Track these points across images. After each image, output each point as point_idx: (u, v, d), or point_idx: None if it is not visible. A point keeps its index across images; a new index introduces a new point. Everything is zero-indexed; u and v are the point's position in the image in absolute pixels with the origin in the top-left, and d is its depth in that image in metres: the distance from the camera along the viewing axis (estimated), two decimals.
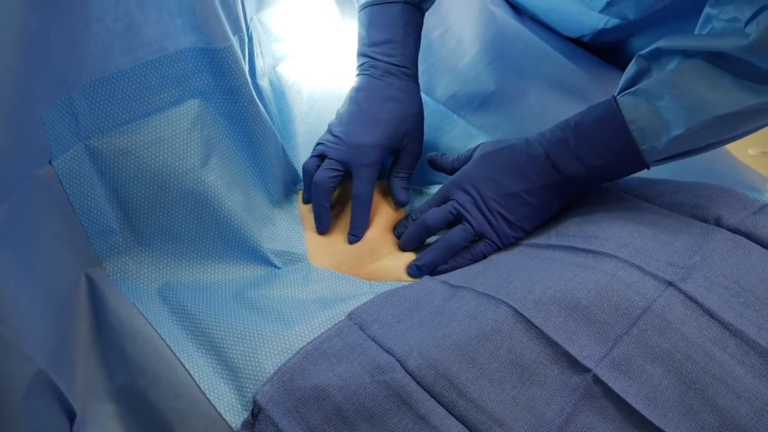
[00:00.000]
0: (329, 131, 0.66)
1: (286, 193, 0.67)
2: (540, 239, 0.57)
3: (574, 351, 0.44)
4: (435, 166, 0.67)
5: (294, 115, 0.71)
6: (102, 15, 0.49)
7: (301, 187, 0.68)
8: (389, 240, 0.65)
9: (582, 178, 0.56)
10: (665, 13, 0.72)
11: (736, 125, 0.52)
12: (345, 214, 0.66)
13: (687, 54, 0.51)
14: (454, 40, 0.83)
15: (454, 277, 0.55)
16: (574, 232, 0.55)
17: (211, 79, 0.57)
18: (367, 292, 0.55)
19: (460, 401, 0.43)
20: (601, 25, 0.77)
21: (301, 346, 0.48)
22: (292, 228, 0.64)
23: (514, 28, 0.82)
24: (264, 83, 0.66)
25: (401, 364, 0.44)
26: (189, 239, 0.57)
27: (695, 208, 0.53)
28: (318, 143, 0.67)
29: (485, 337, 0.45)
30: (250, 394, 0.45)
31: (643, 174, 0.56)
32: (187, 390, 0.46)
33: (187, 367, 0.47)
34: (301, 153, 0.69)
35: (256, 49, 0.65)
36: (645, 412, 0.41)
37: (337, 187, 0.66)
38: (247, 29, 0.62)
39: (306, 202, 0.67)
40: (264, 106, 0.62)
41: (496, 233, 0.58)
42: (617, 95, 0.54)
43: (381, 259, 0.62)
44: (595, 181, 0.58)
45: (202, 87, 0.57)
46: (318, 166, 0.65)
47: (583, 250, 0.51)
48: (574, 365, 0.43)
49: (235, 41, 0.58)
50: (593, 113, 0.55)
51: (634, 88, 0.53)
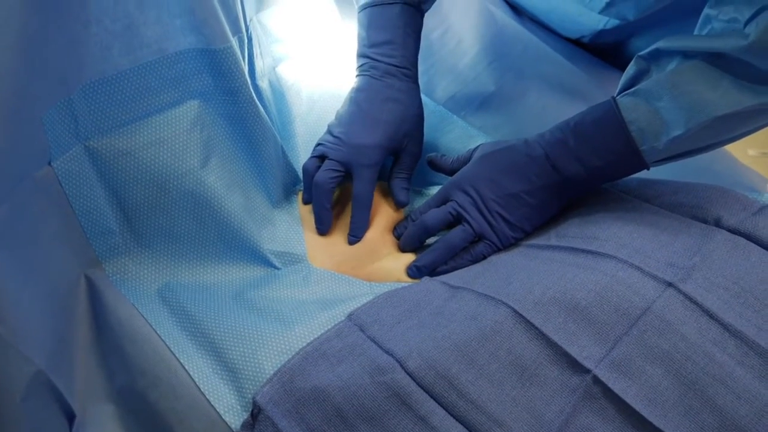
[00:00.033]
0: (329, 132, 0.66)
1: (286, 194, 0.67)
2: (540, 240, 0.57)
3: (573, 352, 0.43)
4: (434, 166, 0.67)
5: (293, 116, 0.71)
6: (101, 16, 0.49)
7: (301, 188, 0.68)
8: (389, 241, 0.65)
9: (582, 178, 0.56)
10: (665, 14, 0.72)
11: (735, 126, 0.52)
12: (345, 215, 0.66)
13: (686, 55, 0.51)
14: (453, 41, 0.83)
15: (453, 277, 0.55)
16: (573, 232, 0.55)
17: (211, 80, 0.57)
18: (367, 293, 0.55)
19: (459, 402, 0.43)
20: (600, 26, 0.77)
21: (300, 347, 0.48)
22: (291, 229, 0.64)
23: (513, 28, 0.82)
24: (263, 84, 0.66)
25: (401, 365, 0.44)
26: (189, 240, 0.57)
27: (695, 209, 0.53)
28: (318, 144, 0.66)
29: (485, 338, 0.45)
30: (249, 395, 0.45)
31: (643, 175, 0.56)
32: (186, 391, 0.46)
33: (186, 368, 0.47)
34: (301, 154, 0.69)
35: (256, 50, 0.65)
36: (645, 413, 0.41)
37: (337, 187, 0.66)
38: (246, 30, 0.62)
39: (306, 202, 0.66)
40: (263, 106, 0.62)
41: (495, 234, 0.58)
42: (617, 96, 0.54)
43: (381, 260, 0.62)
44: (594, 182, 0.58)
45: (201, 88, 0.57)
46: (318, 167, 0.64)
47: (583, 251, 0.51)
48: (574, 366, 0.43)
49: (234, 42, 0.58)
50: (593, 114, 0.55)
51: (633, 89, 0.53)
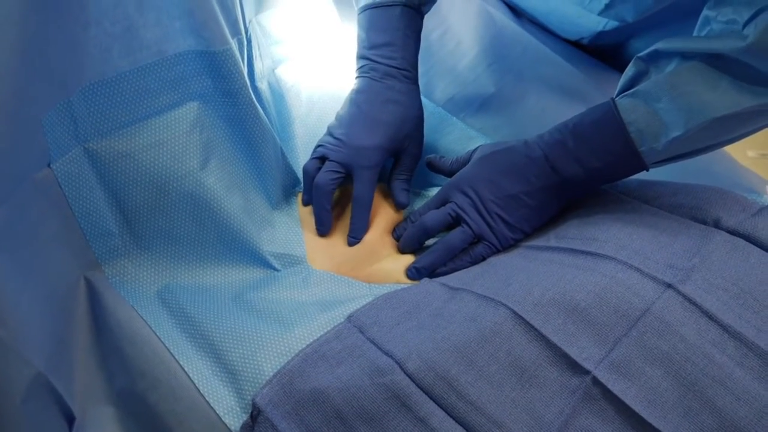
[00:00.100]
0: (329, 133, 0.66)
1: (286, 196, 0.67)
2: (539, 241, 0.57)
3: (573, 353, 0.43)
4: (434, 168, 0.67)
5: (293, 118, 0.71)
6: (100, 18, 0.49)
7: (301, 190, 0.68)
8: (388, 242, 0.65)
9: (581, 179, 0.56)
10: (663, 15, 0.72)
11: (734, 127, 0.52)
12: (344, 216, 0.66)
13: (685, 56, 0.51)
14: (453, 42, 0.83)
15: (453, 279, 0.55)
16: (573, 234, 0.55)
17: (210, 81, 0.57)
18: (367, 295, 0.55)
19: (459, 403, 0.42)
20: (599, 28, 0.78)
21: (300, 349, 0.48)
22: (291, 230, 0.64)
23: (513, 30, 0.82)
24: (263, 86, 0.66)
25: (400, 367, 0.44)
26: (188, 242, 0.57)
27: (694, 210, 0.53)
28: (318, 145, 0.66)
29: (484, 339, 0.45)
30: (249, 397, 0.45)
31: (642, 176, 0.56)
32: (186, 393, 0.46)
33: (186, 369, 0.47)
34: (300, 155, 0.69)
35: (255, 52, 0.65)
36: (644, 414, 0.41)
37: (337, 188, 0.66)
38: (246, 32, 0.62)
39: (306, 204, 0.66)
40: (263, 108, 0.62)
41: (495, 235, 0.58)
42: (616, 97, 0.54)
43: (380, 262, 0.62)
44: (593, 183, 0.58)
45: (201, 90, 0.57)
46: (318, 168, 0.64)
47: (582, 252, 0.51)
48: (574, 367, 0.43)
49: (234, 44, 0.58)
50: (592, 115, 0.55)
51: (632, 90, 0.53)
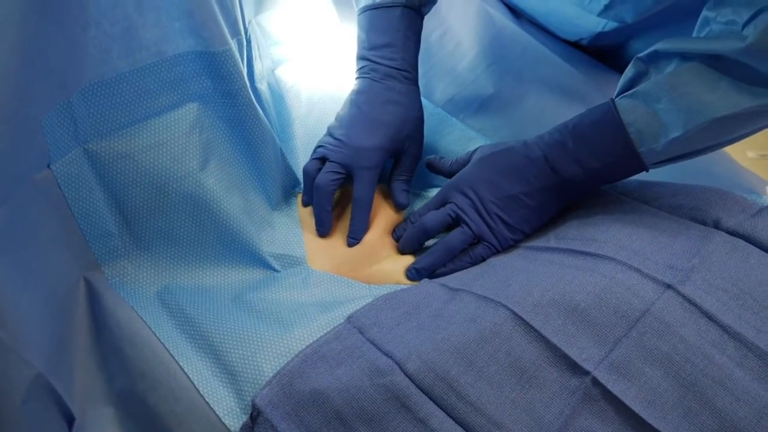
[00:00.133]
0: (330, 134, 0.66)
1: (285, 196, 0.67)
2: (539, 242, 0.57)
3: (573, 353, 0.43)
4: (433, 169, 0.67)
5: (293, 118, 0.71)
6: (100, 18, 0.49)
7: (300, 191, 0.68)
8: (388, 243, 0.64)
9: (580, 180, 0.56)
10: (663, 16, 0.72)
11: (734, 128, 0.52)
12: (344, 217, 0.66)
13: (685, 57, 0.51)
14: (452, 43, 0.83)
15: (452, 280, 0.55)
16: (572, 234, 0.55)
17: (210, 82, 0.57)
18: (366, 296, 0.55)
19: (459, 404, 0.42)
20: (599, 29, 0.78)
21: (300, 350, 0.48)
22: (291, 231, 0.64)
23: (512, 31, 0.82)
24: (262, 86, 0.66)
25: (400, 367, 0.44)
26: (188, 243, 0.57)
27: (694, 211, 0.53)
28: (318, 146, 0.66)
29: (484, 340, 0.45)
30: (249, 398, 0.45)
31: (642, 176, 0.56)
32: (186, 393, 0.46)
33: (185, 370, 0.47)
34: (300, 156, 0.69)
35: (255, 53, 0.65)
36: (644, 415, 0.41)
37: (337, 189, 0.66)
38: (245, 32, 0.62)
39: (306, 204, 0.66)
40: (262, 109, 0.62)
41: (494, 236, 0.58)
42: (615, 98, 0.55)
43: (380, 262, 0.62)
44: (593, 184, 0.58)
45: (200, 90, 0.57)
46: (319, 169, 0.64)
47: (582, 253, 0.51)
48: (573, 368, 0.43)
49: (233, 45, 0.58)
50: (591, 116, 0.55)
51: (632, 91, 0.53)
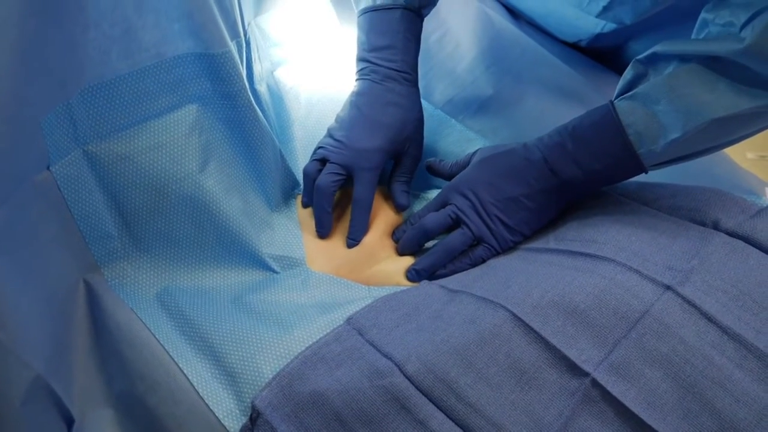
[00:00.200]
0: (330, 135, 0.66)
1: (285, 198, 0.67)
2: (538, 243, 0.57)
3: (572, 355, 0.43)
4: (433, 171, 0.67)
5: (292, 120, 0.71)
6: (99, 20, 0.49)
7: (300, 192, 0.68)
8: (388, 244, 0.65)
9: (580, 182, 0.56)
10: (662, 17, 0.72)
11: (733, 129, 0.52)
12: (344, 219, 0.66)
13: (683, 58, 0.51)
14: (451, 45, 0.83)
15: (452, 281, 0.55)
16: (572, 236, 0.55)
17: (209, 84, 0.57)
18: (366, 297, 0.55)
19: (458, 405, 0.42)
20: (598, 30, 0.78)
21: (299, 351, 0.48)
22: (290, 232, 0.64)
23: (511, 32, 0.82)
24: (262, 88, 0.66)
25: (400, 369, 0.44)
26: (187, 244, 0.57)
27: (693, 212, 0.53)
28: (319, 147, 0.66)
29: (484, 342, 0.45)
30: (248, 399, 0.45)
31: (641, 178, 0.56)
32: (185, 395, 0.46)
33: (185, 372, 0.47)
34: (299, 157, 0.69)
35: (254, 54, 0.65)
36: (644, 416, 0.41)
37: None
38: (244, 34, 0.62)
39: (306, 206, 0.66)
40: (262, 110, 0.62)
41: (494, 237, 0.58)
42: (614, 99, 0.55)
43: (380, 264, 0.62)
44: (593, 185, 0.58)
45: (200, 92, 0.57)
46: (319, 170, 0.64)
47: (582, 254, 0.51)
48: (573, 369, 0.43)
49: (232, 46, 0.58)
50: (591, 117, 0.55)
51: (631, 93, 0.53)
